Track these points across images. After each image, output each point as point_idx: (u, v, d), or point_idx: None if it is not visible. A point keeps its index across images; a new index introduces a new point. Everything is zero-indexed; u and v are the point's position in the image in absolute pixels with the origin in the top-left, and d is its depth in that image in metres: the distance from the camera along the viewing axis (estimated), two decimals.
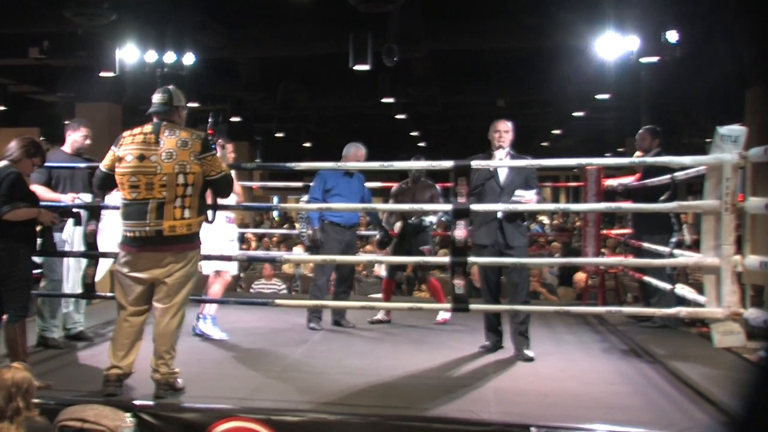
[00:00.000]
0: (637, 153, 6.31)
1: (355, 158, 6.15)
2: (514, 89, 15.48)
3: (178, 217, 3.94)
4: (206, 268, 5.58)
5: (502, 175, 5.08)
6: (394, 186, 6.65)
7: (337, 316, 6.25)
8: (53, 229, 5.02)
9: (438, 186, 6.61)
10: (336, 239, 6.06)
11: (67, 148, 5.41)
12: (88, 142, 5.43)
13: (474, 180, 4.97)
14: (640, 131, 6.44)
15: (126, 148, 4.03)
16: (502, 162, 5.03)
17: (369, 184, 6.59)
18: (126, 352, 4.03)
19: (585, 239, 7.32)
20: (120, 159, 4.03)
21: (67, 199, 5.10)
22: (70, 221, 5.05)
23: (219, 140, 4.79)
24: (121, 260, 4.08)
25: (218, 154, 4.18)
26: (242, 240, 10.34)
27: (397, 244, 6.42)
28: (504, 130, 5.09)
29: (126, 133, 4.11)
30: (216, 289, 5.74)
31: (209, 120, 4.43)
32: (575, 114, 16.06)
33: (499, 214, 4.99)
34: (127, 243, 4.04)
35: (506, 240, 5.02)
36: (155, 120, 4.10)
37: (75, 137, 5.40)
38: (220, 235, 5.69)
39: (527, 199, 4.95)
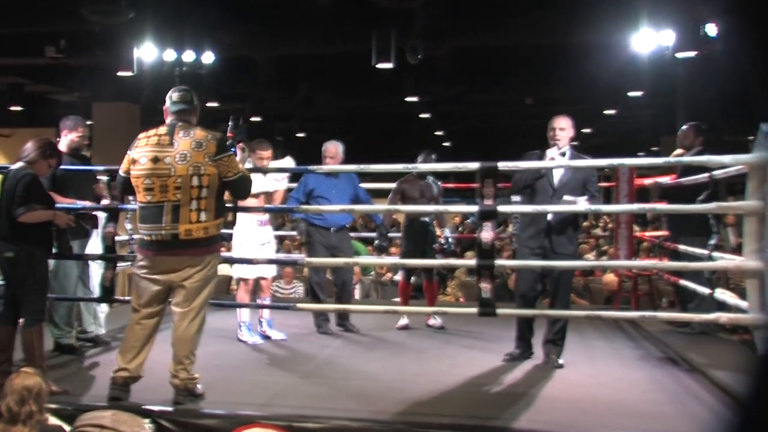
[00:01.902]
0: (678, 150, 6.23)
1: (335, 155, 6.16)
2: (543, 86, 15.39)
3: (194, 221, 3.96)
4: (234, 273, 5.66)
5: (557, 175, 5.01)
6: (396, 184, 6.48)
7: (341, 320, 6.30)
8: (78, 235, 5.11)
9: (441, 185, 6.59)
10: (320, 242, 6.11)
11: (63, 147, 5.29)
12: (86, 142, 5.41)
13: (521, 179, 4.96)
14: (684, 128, 6.35)
15: (140, 151, 4.08)
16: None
17: (366, 186, 6.56)
18: (135, 355, 4.07)
19: (617, 241, 7.26)
20: (134, 161, 4.08)
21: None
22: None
23: (240, 143, 4.82)
24: (139, 263, 4.13)
25: (238, 157, 4.21)
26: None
27: (407, 244, 6.40)
28: (559, 128, 5.01)
29: (141, 135, 4.16)
30: (240, 295, 5.83)
31: (230, 123, 4.47)
32: (606, 112, 15.93)
33: (549, 217, 4.94)
34: (145, 246, 4.09)
35: (552, 245, 4.95)
36: (170, 120, 4.13)
37: (72, 137, 5.33)
38: (250, 240, 5.74)
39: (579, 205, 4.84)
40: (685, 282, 5.81)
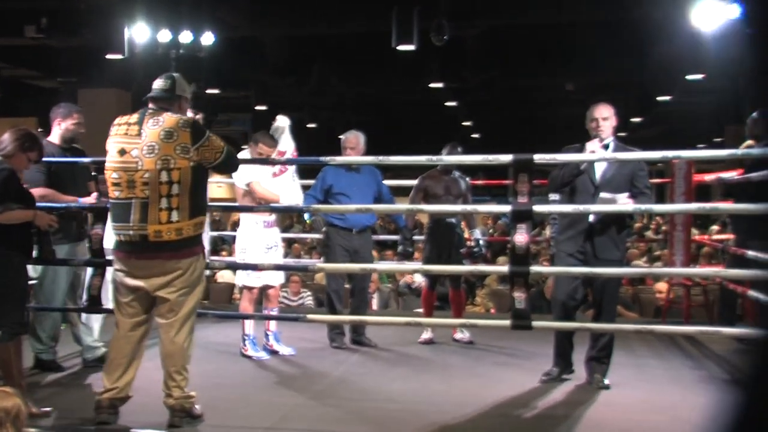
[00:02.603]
0: (748, 141, 6.16)
1: (356, 146, 6.17)
2: (586, 70, 15.32)
3: (164, 221, 3.96)
4: (237, 281, 5.69)
5: (599, 170, 4.97)
6: (418, 180, 6.49)
7: (356, 333, 6.30)
8: (69, 237, 5.15)
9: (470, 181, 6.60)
10: (340, 245, 6.11)
11: (55, 138, 5.35)
12: (82, 130, 5.41)
13: (559, 175, 4.94)
14: (753, 115, 6.27)
15: (111, 140, 4.13)
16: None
17: (389, 182, 6.57)
18: (122, 373, 4.10)
19: (672, 246, 7.20)
20: (107, 152, 4.13)
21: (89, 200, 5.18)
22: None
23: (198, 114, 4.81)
24: (115, 267, 4.19)
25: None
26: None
27: (431, 248, 6.39)
28: (602, 117, 4.97)
29: (116, 121, 4.19)
30: (243, 305, 5.88)
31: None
32: (660, 98, 15.82)
33: (591, 218, 4.91)
34: (117, 248, 4.16)
35: (595, 250, 4.92)
36: (148, 108, 4.15)
37: (66, 125, 5.37)
38: (255, 243, 5.78)
39: (619, 204, 4.80)
40: (755, 293, 5.73)
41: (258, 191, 5.74)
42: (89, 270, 5.29)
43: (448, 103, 17.09)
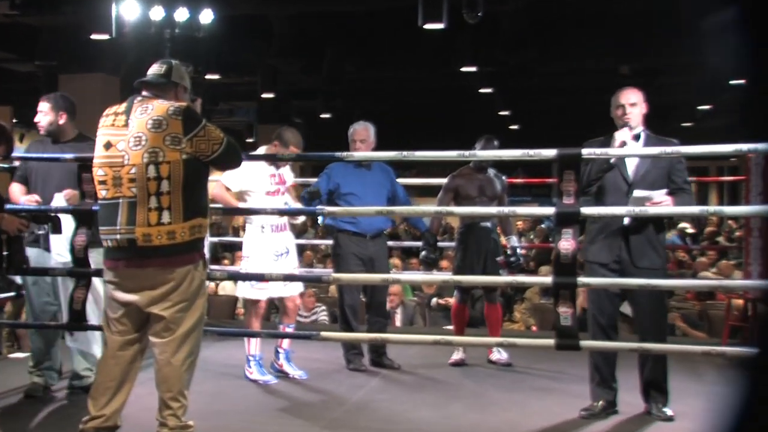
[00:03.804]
0: None
1: (367, 139, 6.21)
2: (644, 51, 15.22)
3: (153, 223, 3.97)
4: (239, 292, 5.72)
5: (631, 165, 4.96)
6: (447, 179, 6.52)
7: (376, 354, 6.34)
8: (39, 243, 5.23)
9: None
10: (353, 253, 6.15)
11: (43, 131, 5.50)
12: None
13: (586, 173, 4.90)
14: None
15: (98, 133, 4.18)
16: (623, 150, 4.92)
17: (404, 181, 6.65)
18: (109, 398, 4.11)
19: (747, 254, 7.16)
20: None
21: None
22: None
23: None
24: (105, 277, 4.22)
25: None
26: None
27: (463, 257, 6.41)
28: (629, 103, 4.96)
29: (105, 112, 4.24)
30: (249, 321, 5.95)
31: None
32: (733, 82, 15.70)
33: (625, 221, 4.91)
34: (105, 255, 4.18)
35: (632, 258, 4.91)
36: (141, 95, 4.18)
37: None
38: (262, 249, 5.84)
39: (656, 201, 4.79)
40: None
41: (215, 191, 5.74)
42: (69, 282, 5.35)
43: (482, 90, 17.04)
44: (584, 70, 17.26)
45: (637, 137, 4.92)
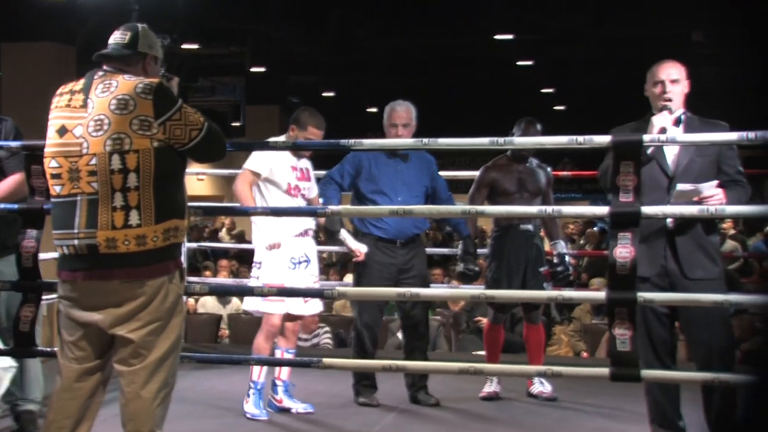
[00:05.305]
0: None
1: (410, 123, 6.20)
2: (719, 14, 15.20)
3: (119, 225, 3.93)
4: (246, 304, 5.88)
5: (670, 155, 4.93)
6: (480, 171, 6.56)
7: (414, 388, 6.29)
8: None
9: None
10: (379, 262, 6.12)
11: None
12: None
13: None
14: None
15: (51, 116, 4.14)
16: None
17: (446, 174, 6.69)
18: None
19: None
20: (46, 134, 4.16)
21: None
22: None
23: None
24: (60, 292, 4.15)
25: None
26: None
27: (499, 266, 6.38)
28: (670, 79, 4.93)
29: (58, 90, 4.19)
30: (258, 340, 5.90)
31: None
32: None
33: (669, 223, 4.88)
34: (60, 265, 4.12)
35: (682, 267, 4.86)
36: (103, 69, 4.14)
37: None
38: (277, 256, 5.83)
39: (705, 195, 4.71)
40: None
41: (239, 184, 5.79)
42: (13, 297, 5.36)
43: (520, 63, 17.06)
44: (644, 37, 17.19)
45: (678, 121, 4.90)
